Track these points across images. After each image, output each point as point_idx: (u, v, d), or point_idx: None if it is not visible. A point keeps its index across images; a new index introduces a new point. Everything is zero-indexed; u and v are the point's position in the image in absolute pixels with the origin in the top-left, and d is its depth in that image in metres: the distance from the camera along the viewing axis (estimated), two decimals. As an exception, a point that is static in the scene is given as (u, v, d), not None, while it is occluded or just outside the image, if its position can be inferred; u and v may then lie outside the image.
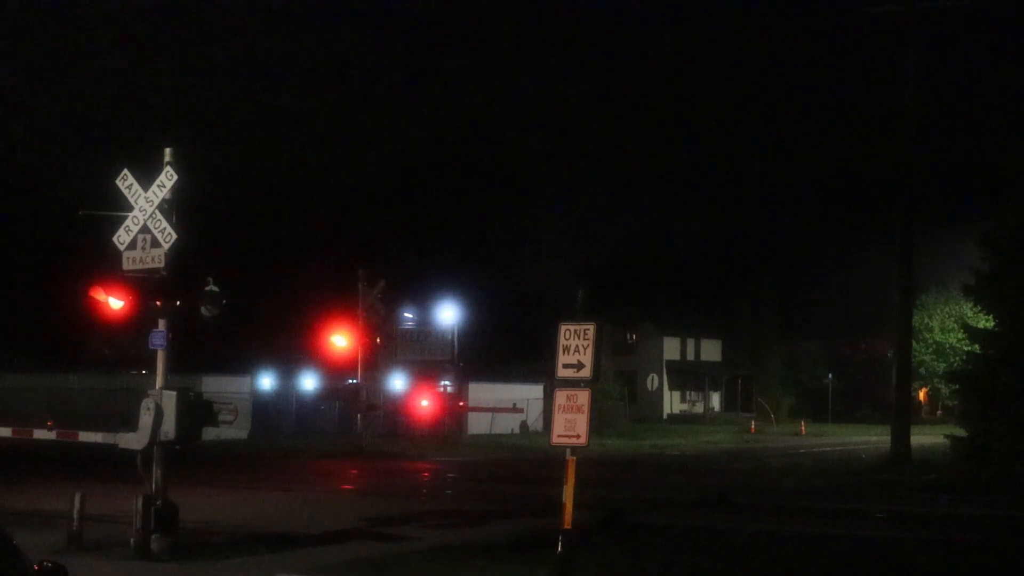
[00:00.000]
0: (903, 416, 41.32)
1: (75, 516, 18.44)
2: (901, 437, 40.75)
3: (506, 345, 74.12)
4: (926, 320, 77.21)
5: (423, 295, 63.68)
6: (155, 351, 18.32)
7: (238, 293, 20.09)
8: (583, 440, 16.06)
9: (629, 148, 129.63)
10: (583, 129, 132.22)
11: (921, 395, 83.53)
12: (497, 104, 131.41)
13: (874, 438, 53.74)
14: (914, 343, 52.99)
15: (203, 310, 18.41)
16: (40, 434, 21.12)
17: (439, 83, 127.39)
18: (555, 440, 16.30)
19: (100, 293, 17.96)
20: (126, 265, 18.33)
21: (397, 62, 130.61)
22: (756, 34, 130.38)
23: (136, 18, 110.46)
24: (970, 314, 54.56)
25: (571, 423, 16.11)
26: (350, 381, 48.98)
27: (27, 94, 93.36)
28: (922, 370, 75.00)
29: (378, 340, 49.66)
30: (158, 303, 18.07)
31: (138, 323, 18.53)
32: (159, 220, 18.02)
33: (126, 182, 18.32)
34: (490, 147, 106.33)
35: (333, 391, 55.16)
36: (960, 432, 37.69)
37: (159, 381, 18.15)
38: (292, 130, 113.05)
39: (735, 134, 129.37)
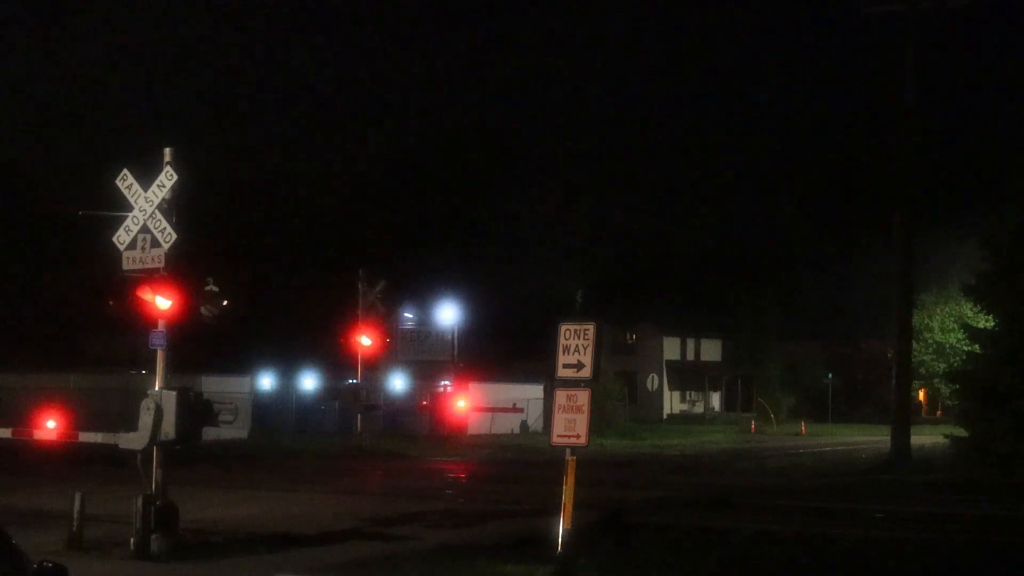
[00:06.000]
0: (903, 416, 41.29)
1: (75, 516, 18.42)
2: (901, 437, 40.73)
3: (506, 345, 74.06)
4: (926, 320, 77.14)
5: (423, 295, 63.76)
6: (155, 351, 18.32)
7: (238, 293, 20.08)
8: (583, 440, 16.06)
9: (629, 148, 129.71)
10: (583, 128, 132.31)
11: (921, 395, 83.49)
12: (497, 103, 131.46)
13: (874, 438, 53.66)
14: (914, 343, 52.91)
15: (203, 310, 18.40)
16: (40, 434, 21.11)
17: (439, 83, 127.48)
18: (555, 440, 16.30)
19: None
20: (126, 265, 18.33)
21: (397, 62, 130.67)
22: (757, 34, 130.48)
23: (136, 19, 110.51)
24: (970, 314, 54.51)
25: (571, 423, 16.11)
26: (350, 381, 48.96)
27: (27, 94, 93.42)
28: (922, 370, 74.91)
29: (378, 340, 49.60)
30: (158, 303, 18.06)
31: (138, 323, 18.52)
32: (159, 220, 18.02)
33: (126, 182, 18.32)
34: (490, 147, 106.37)
35: (333, 391, 55.13)
36: (960, 432, 37.66)
37: (159, 381, 18.14)
38: (292, 130, 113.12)
39: (735, 133, 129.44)
